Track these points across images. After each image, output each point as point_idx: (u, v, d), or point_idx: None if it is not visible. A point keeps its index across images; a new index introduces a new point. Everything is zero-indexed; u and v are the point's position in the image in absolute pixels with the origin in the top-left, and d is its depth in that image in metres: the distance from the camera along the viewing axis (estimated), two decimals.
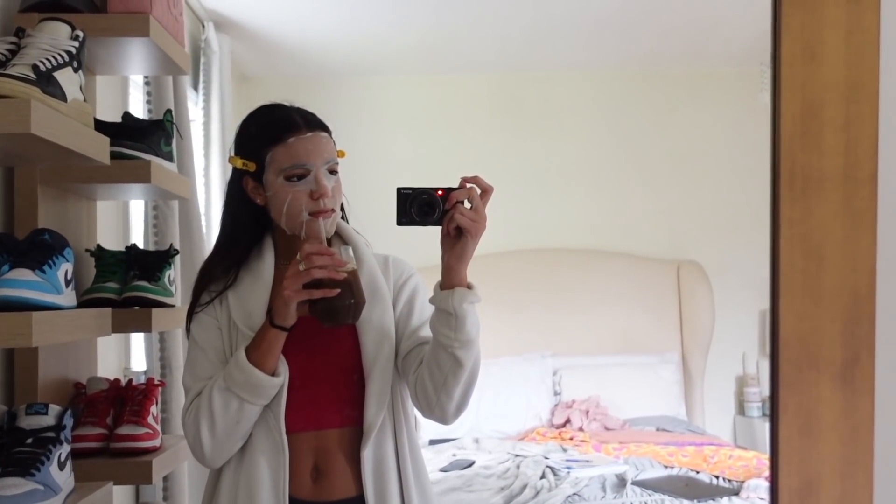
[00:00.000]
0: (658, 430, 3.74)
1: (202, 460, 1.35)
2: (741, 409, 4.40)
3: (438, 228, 1.31)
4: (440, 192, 1.31)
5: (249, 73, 4.25)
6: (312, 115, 1.42)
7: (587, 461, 3.09)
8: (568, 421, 3.82)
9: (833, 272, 0.60)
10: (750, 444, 4.13)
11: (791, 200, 0.60)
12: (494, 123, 4.42)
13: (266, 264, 1.42)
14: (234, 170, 1.43)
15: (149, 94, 2.55)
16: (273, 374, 1.32)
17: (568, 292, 4.23)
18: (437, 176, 1.65)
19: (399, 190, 1.32)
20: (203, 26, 3.39)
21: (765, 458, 3.14)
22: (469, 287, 1.31)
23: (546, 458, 3.13)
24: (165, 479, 2.49)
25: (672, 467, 3.05)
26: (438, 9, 3.49)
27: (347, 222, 1.51)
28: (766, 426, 4.09)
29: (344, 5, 3.42)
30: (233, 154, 1.42)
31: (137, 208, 2.62)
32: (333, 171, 1.39)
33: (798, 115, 0.60)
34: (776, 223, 0.62)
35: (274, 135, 1.37)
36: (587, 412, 3.82)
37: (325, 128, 1.41)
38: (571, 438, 3.54)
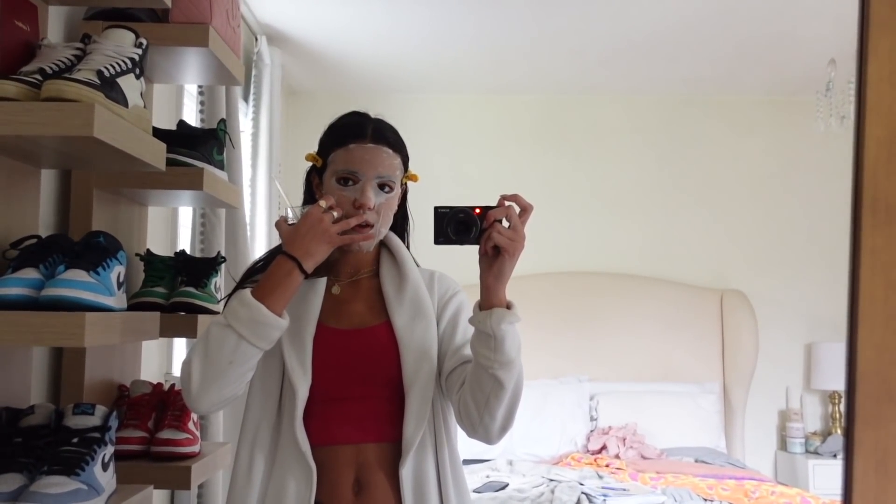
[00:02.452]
0: (696, 461, 3.66)
1: (188, 399, 1.28)
2: (783, 444, 4.29)
3: (478, 247, 1.29)
4: (478, 211, 1.29)
5: (298, 88, 4.31)
6: (388, 131, 1.42)
7: (624, 490, 3.03)
8: (604, 447, 3.76)
9: None
10: (791, 480, 4.02)
11: (873, 228, 0.58)
12: (538, 145, 4.41)
13: (320, 269, 1.41)
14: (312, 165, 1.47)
15: (202, 103, 2.60)
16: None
17: (607, 317, 4.18)
18: (478, 196, 1.64)
19: (436, 209, 1.31)
20: (256, 39, 3.44)
21: (809, 496, 3.05)
22: (508, 307, 1.28)
23: (581, 484, 3.08)
24: (200, 486, 2.50)
25: (712, 500, 2.98)
26: (485, 30, 3.50)
27: (408, 244, 1.50)
28: (809, 463, 3.98)
29: (392, 25, 3.45)
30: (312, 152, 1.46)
31: (185, 216, 2.66)
32: (385, 188, 1.38)
33: (884, 140, 0.58)
34: (856, 252, 0.59)
35: (339, 138, 1.40)
36: (624, 440, 3.75)
37: (394, 146, 1.40)
38: (608, 465, 3.47)
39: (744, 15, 3.27)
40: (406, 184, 1.47)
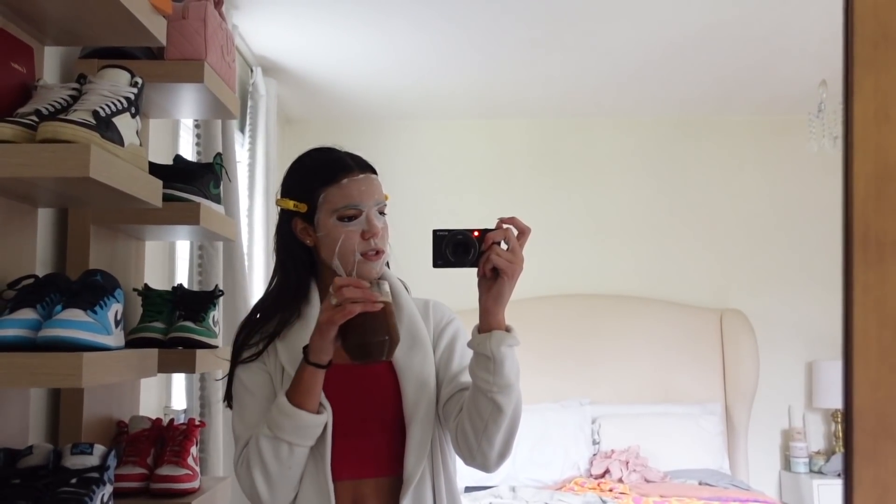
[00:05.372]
0: (700, 483, 3.64)
1: None
2: (787, 464, 4.27)
3: (477, 270, 1.30)
4: (476, 233, 1.30)
5: (294, 117, 4.33)
6: (361, 158, 1.44)
7: None
8: (607, 471, 3.73)
9: None
10: (796, 501, 3.99)
11: (865, 265, 0.59)
12: (536, 168, 4.43)
13: (313, 308, 1.42)
14: (282, 212, 1.43)
15: (198, 136, 2.61)
16: (317, 413, 1.32)
17: (608, 339, 4.17)
18: (474, 221, 1.65)
19: (435, 232, 1.32)
20: (251, 71, 3.47)
21: None
22: (507, 330, 1.29)
23: None
24: None
25: None
26: (481, 55, 3.53)
27: (389, 267, 1.51)
28: (814, 483, 3.95)
29: (387, 52, 3.48)
30: (280, 196, 1.43)
31: (183, 248, 2.66)
32: (382, 213, 1.41)
33: (872, 177, 0.59)
34: (849, 288, 0.60)
35: (328, 176, 1.38)
36: (627, 463, 3.73)
37: (374, 170, 1.43)
38: (611, 490, 3.45)
39: (735, 36, 3.30)
40: None
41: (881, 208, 0.58)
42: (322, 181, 1.38)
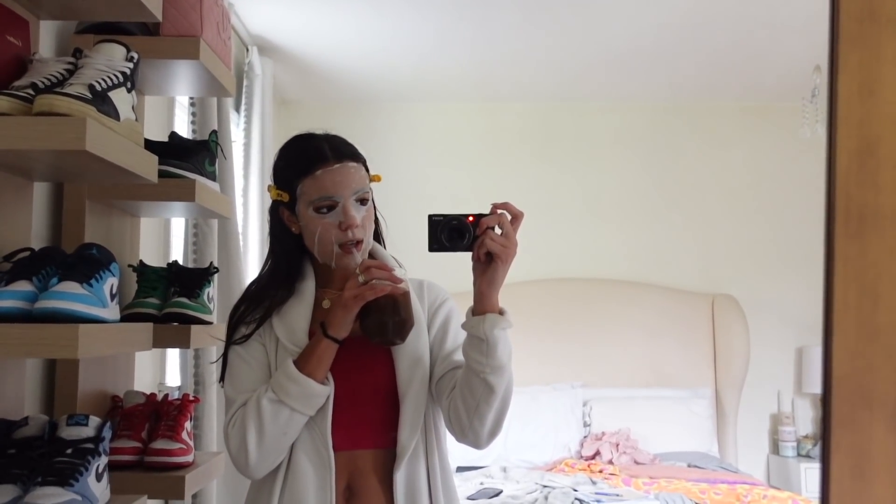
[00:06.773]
0: (689, 466, 3.68)
1: (245, 470, 1.36)
2: (775, 448, 4.31)
3: (471, 254, 1.33)
4: (471, 218, 1.33)
5: (289, 97, 4.32)
6: (343, 145, 1.42)
7: (617, 495, 3.04)
8: (597, 453, 3.77)
9: (888, 310, 0.60)
10: (784, 484, 4.04)
11: (846, 237, 0.60)
12: (529, 152, 4.44)
13: (308, 286, 1.44)
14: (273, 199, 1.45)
15: (194, 114, 2.61)
16: (322, 384, 1.35)
17: (600, 323, 4.20)
18: (471, 203, 1.67)
19: (430, 217, 1.35)
20: (247, 50, 3.46)
21: (801, 500, 3.07)
22: (501, 313, 1.32)
23: (575, 490, 3.09)
24: (195, 496, 2.50)
25: None
26: (476, 38, 3.52)
27: (385, 247, 1.52)
28: (801, 466, 4.00)
29: (383, 33, 3.47)
30: (271, 183, 1.45)
31: (177, 226, 2.67)
32: (364, 201, 1.40)
33: (854, 151, 0.60)
34: (830, 260, 0.61)
35: (303, 167, 1.38)
36: (617, 445, 3.76)
37: (355, 157, 1.41)
38: (601, 471, 3.49)
39: (726, 22, 3.30)
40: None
41: (863, 181, 0.59)
42: (298, 172, 1.38)
